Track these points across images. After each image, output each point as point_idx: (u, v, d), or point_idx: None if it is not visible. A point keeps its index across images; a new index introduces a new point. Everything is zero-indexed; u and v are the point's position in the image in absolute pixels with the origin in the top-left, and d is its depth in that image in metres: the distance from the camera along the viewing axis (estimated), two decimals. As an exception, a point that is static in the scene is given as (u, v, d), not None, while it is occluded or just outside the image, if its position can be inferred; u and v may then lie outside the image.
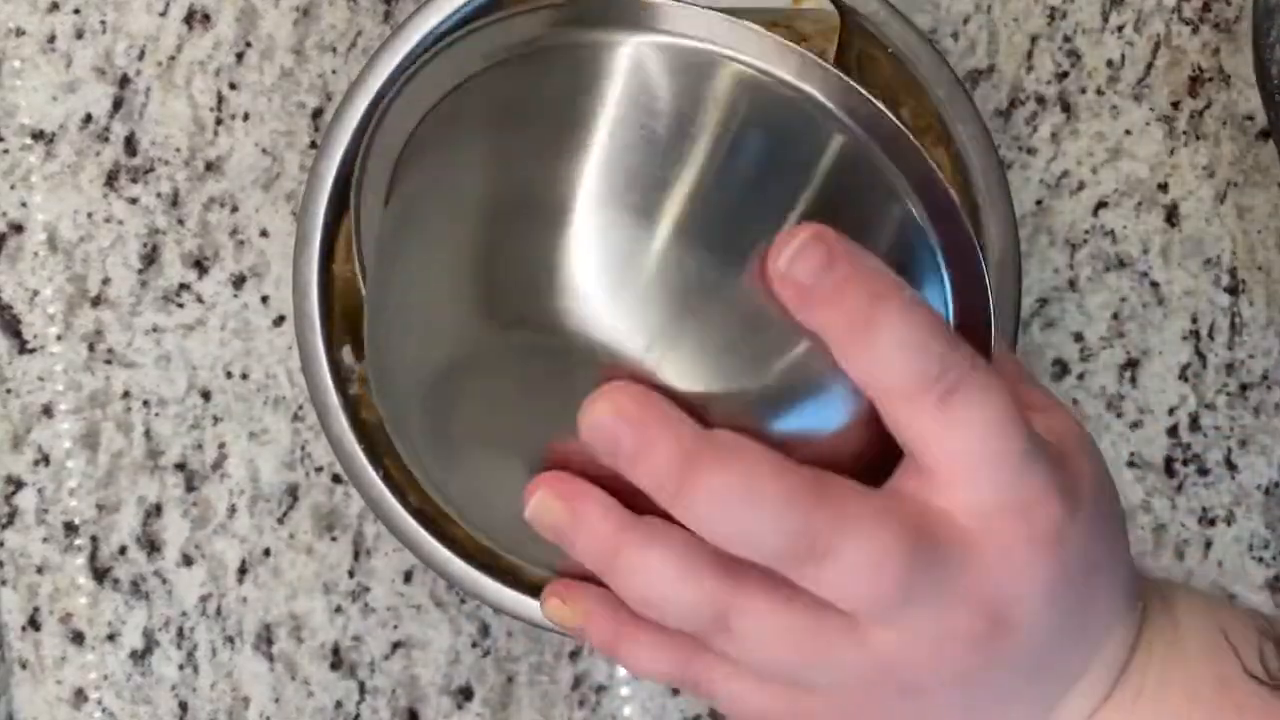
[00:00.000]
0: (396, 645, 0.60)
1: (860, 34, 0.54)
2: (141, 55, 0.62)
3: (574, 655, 0.60)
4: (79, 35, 0.62)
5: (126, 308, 0.61)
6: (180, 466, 0.60)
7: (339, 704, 0.60)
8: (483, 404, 0.42)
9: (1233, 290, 0.61)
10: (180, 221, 0.61)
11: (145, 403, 0.60)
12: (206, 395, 0.60)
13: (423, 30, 0.54)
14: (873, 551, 0.37)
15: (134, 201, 0.61)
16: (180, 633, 0.60)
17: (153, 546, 0.60)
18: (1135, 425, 0.60)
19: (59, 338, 0.61)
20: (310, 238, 0.53)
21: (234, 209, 0.61)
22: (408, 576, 0.60)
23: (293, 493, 0.60)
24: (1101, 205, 0.61)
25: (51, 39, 0.62)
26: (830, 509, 0.37)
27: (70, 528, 0.60)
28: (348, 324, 0.55)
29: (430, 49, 0.45)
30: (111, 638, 0.60)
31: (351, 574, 0.60)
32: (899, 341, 0.38)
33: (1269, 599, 0.60)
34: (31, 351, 0.61)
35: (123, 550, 0.60)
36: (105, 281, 0.61)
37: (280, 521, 0.60)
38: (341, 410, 0.53)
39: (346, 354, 0.54)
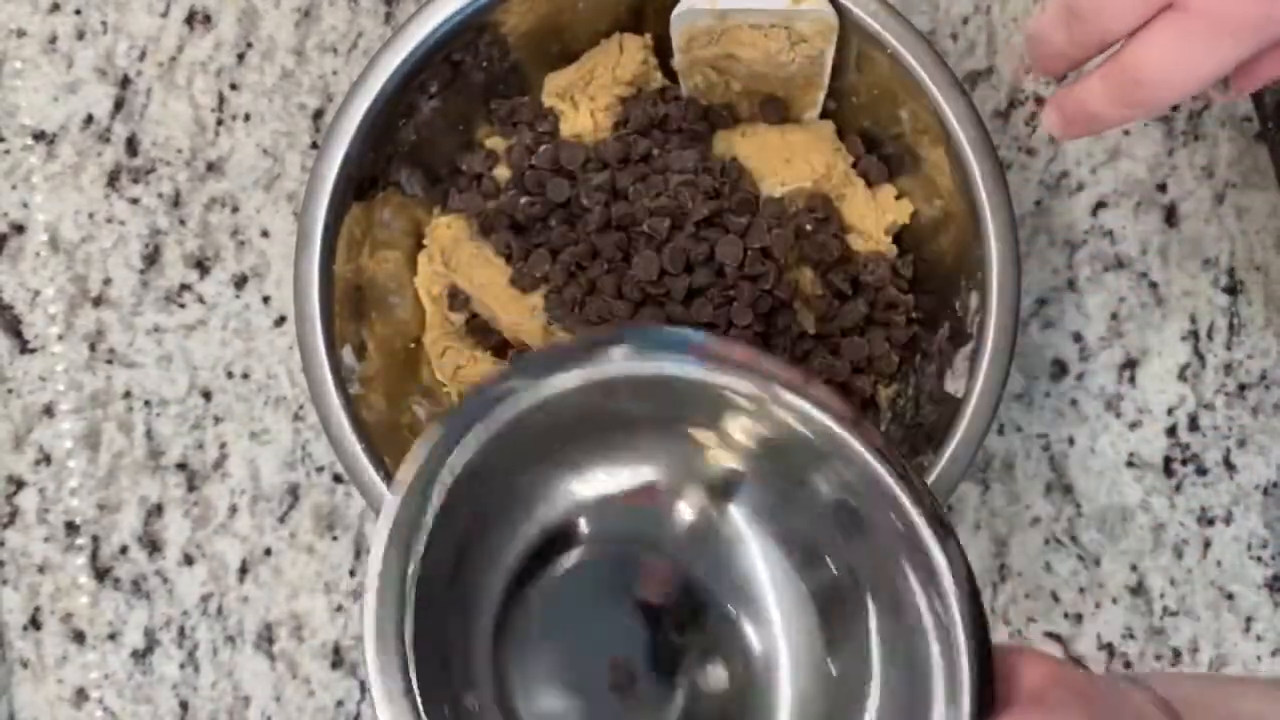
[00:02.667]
0: (397, 645, 0.60)
1: (859, 34, 0.54)
2: (142, 56, 0.62)
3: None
4: (80, 36, 0.62)
5: (128, 308, 0.61)
6: (181, 466, 0.60)
7: (340, 703, 0.60)
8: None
9: (1231, 290, 0.61)
10: (181, 222, 0.61)
11: (146, 403, 0.60)
12: (207, 395, 0.60)
13: (423, 30, 0.54)
14: None
15: (135, 202, 0.61)
16: (181, 632, 0.60)
17: (154, 546, 0.60)
18: (1134, 425, 0.60)
19: (60, 338, 0.61)
20: (311, 238, 0.53)
21: (235, 209, 0.61)
22: (408, 576, 0.60)
23: (293, 492, 0.60)
24: (1100, 205, 0.61)
25: (53, 40, 0.62)
26: None
27: (71, 527, 0.60)
28: (348, 324, 0.55)
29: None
30: (112, 637, 0.60)
31: (352, 573, 0.60)
32: None
33: (1268, 598, 0.60)
34: (33, 351, 0.61)
35: (124, 550, 0.60)
36: (106, 282, 0.61)
37: (281, 521, 0.60)
38: (342, 410, 0.52)
39: (347, 354, 0.54)
